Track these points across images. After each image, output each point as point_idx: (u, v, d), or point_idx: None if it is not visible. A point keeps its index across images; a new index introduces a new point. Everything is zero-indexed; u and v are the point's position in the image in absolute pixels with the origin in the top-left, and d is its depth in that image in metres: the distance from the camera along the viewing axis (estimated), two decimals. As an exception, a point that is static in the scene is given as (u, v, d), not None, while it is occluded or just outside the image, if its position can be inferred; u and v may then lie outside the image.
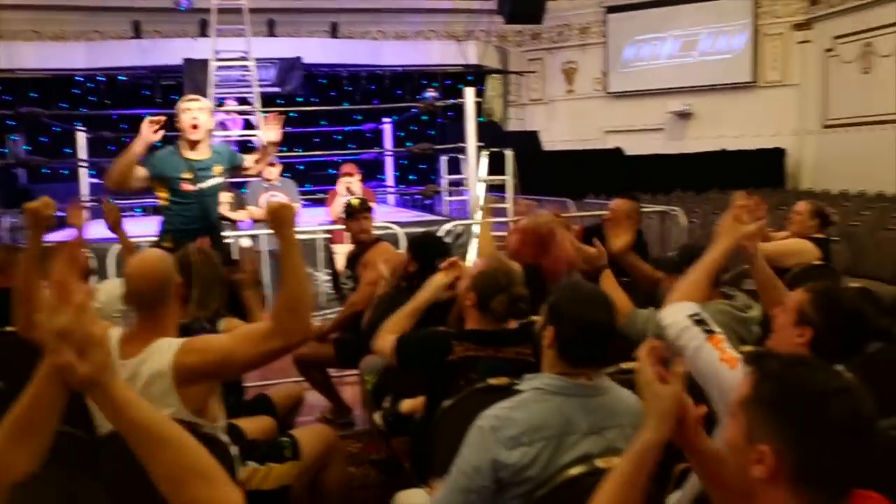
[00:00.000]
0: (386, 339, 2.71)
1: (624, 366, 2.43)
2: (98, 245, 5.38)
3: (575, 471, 1.76)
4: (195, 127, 4.12)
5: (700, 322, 1.89)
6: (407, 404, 3.04)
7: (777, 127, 15.67)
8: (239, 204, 6.83)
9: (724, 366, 1.74)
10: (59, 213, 2.98)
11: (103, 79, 13.59)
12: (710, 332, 1.86)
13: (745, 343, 2.69)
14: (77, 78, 13.63)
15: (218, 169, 4.23)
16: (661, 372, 1.49)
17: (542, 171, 12.13)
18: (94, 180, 11.42)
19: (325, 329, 4.40)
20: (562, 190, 10.41)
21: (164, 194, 4.19)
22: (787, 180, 15.45)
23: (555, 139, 16.80)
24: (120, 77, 13.59)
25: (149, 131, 3.90)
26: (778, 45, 16.00)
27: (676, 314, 1.92)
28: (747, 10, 16.10)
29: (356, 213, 4.46)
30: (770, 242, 4.50)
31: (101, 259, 5.37)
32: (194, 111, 4.13)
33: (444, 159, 10.50)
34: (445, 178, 10.46)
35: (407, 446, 2.94)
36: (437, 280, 2.91)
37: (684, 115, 16.82)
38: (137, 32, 14.06)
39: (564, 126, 17.38)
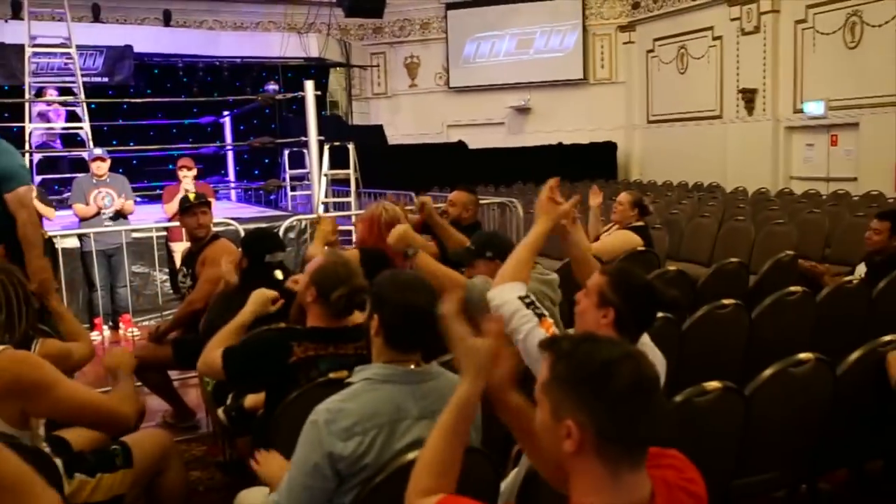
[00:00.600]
0: (212, 355, 2.61)
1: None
2: None
3: (410, 455, 1.81)
4: None
5: (530, 305, 1.99)
6: (251, 399, 3.02)
7: (608, 122, 16.65)
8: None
9: None
10: None
11: None
12: (540, 315, 1.97)
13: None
14: None
15: None
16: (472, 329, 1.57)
17: (387, 164, 12.22)
18: None
19: (163, 329, 4.25)
20: (407, 183, 10.53)
21: None
22: (618, 172, 16.47)
23: (399, 133, 16.95)
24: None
25: None
26: (605, 45, 16.98)
27: (506, 294, 2.01)
28: (577, 11, 16.96)
29: (191, 208, 4.32)
30: (599, 241, 4.88)
31: None
32: None
33: (286, 153, 10.34)
34: (288, 172, 10.31)
35: (250, 445, 2.91)
36: (262, 294, 2.88)
37: (523, 111, 17.50)
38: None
39: (408, 120, 17.58)
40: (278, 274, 3.43)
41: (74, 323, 3.03)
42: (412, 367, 1.94)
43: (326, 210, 7.63)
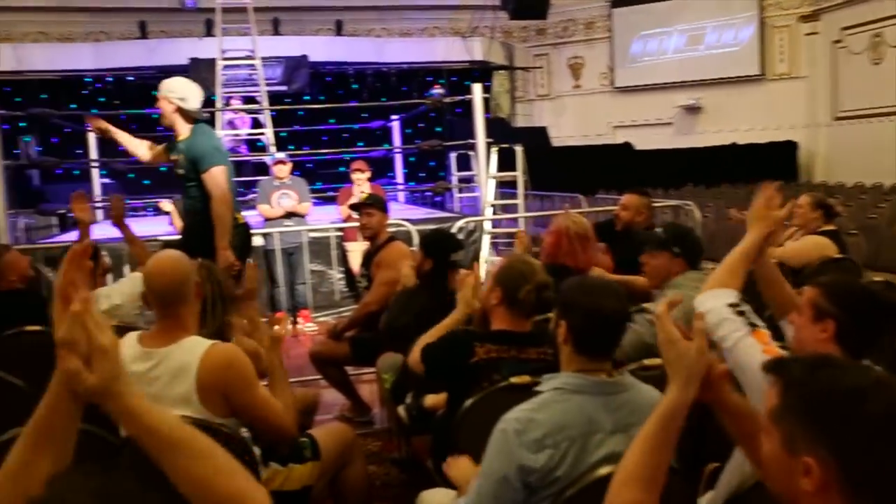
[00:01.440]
0: (415, 352, 2.71)
1: (647, 362, 2.41)
2: (114, 245, 5.38)
3: (604, 470, 1.73)
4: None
5: (742, 313, 1.84)
6: (431, 399, 3.03)
7: (787, 120, 15.60)
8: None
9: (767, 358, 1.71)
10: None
11: (111, 79, 13.61)
12: (753, 325, 1.81)
13: None
14: (86, 79, 13.64)
15: (181, 157, 4.10)
16: (683, 330, 1.46)
17: (551, 166, 12.10)
18: (106, 180, 11.48)
19: (340, 328, 4.39)
20: (571, 185, 10.38)
21: None
22: (800, 173, 15.39)
23: (563, 135, 16.75)
24: (128, 77, 13.60)
25: None
26: (785, 37, 15.92)
27: (714, 301, 1.87)
28: (753, 3, 16.02)
29: (360, 209, 4.46)
30: (782, 247, 4.45)
31: (118, 258, 5.38)
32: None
33: (453, 156, 10.48)
34: (455, 174, 10.45)
35: (427, 445, 2.92)
36: (466, 295, 2.85)
37: (693, 110, 16.75)
38: (144, 33, 14.08)
39: (572, 121, 17.33)
40: (462, 273, 3.44)
41: (263, 328, 3.16)
42: (604, 377, 1.85)
43: (494, 212, 7.64)
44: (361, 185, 7.12)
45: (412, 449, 3.28)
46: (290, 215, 6.77)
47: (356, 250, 6.48)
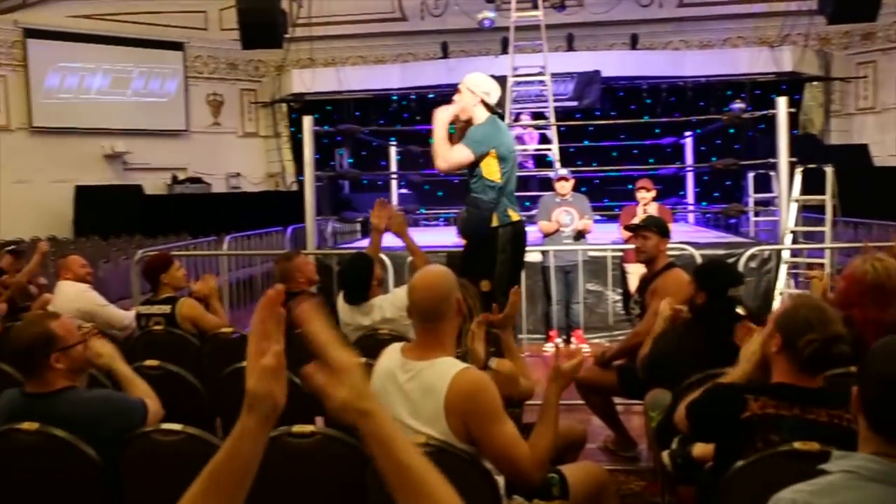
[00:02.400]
0: (680, 410, 2.42)
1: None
2: (399, 253, 5.67)
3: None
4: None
5: None
6: (699, 448, 2.73)
7: None
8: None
9: None
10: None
11: (414, 97, 14.68)
12: None
13: None
14: (392, 97, 14.88)
15: None
16: None
17: (870, 189, 10.62)
18: (404, 190, 12.39)
19: (608, 355, 4.19)
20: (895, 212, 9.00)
21: None
22: None
23: (888, 153, 14.67)
24: (429, 95, 14.57)
25: None
26: None
27: None
28: None
29: (636, 230, 4.20)
30: None
31: (401, 266, 5.68)
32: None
33: (750, 176, 9.66)
34: (752, 196, 9.62)
35: (693, 496, 2.64)
36: (748, 352, 2.41)
37: None
38: (445, 53, 14.97)
39: (902, 138, 15.12)
40: (740, 310, 3.07)
41: (519, 358, 3.04)
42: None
43: (795, 240, 6.85)
44: (646, 204, 6.82)
45: (677, 498, 2.99)
46: (578, 235, 6.73)
47: (635, 272, 6.21)
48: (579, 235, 6.74)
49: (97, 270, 7.06)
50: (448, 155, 4.14)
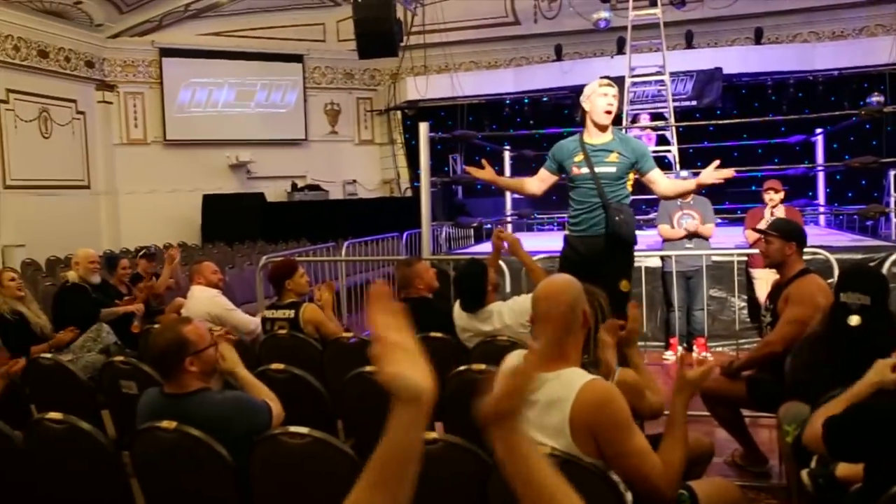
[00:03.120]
0: (815, 423, 2.25)
1: None
2: (513, 259, 5.62)
3: None
4: (608, 112, 4.06)
5: None
6: (843, 468, 2.53)
7: None
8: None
9: None
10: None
11: (527, 101, 14.59)
12: None
13: None
14: (506, 101, 14.85)
15: (614, 156, 4.07)
16: None
17: None
18: (518, 196, 12.32)
19: (736, 365, 3.98)
20: None
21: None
22: None
23: None
24: (543, 98, 14.45)
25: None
26: None
27: None
28: None
29: (763, 234, 3.98)
30: None
31: (517, 271, 5.62)
32: (610, 96, 4.07)
33: (892, 174, 9.02)
34: (894, 196, 8.97)
35: (837, 520, 2.45)
36: (883, 364, 2.30)
37: None
38: (559, 55, 14.80)
39: None
40: (852, 320, 2.84)
41: (646, 372, 2.92)
42: None
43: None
44: (774, 206, 6.48)
45: (817, 520, 2.79)
46: (691, 236, 6.44)
47: (763, 278, 5.91)
48: (693, 236, 6.47)
49: (224, 275, 7.40)
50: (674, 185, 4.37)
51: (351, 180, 16.30)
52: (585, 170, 4.09)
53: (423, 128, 7.14)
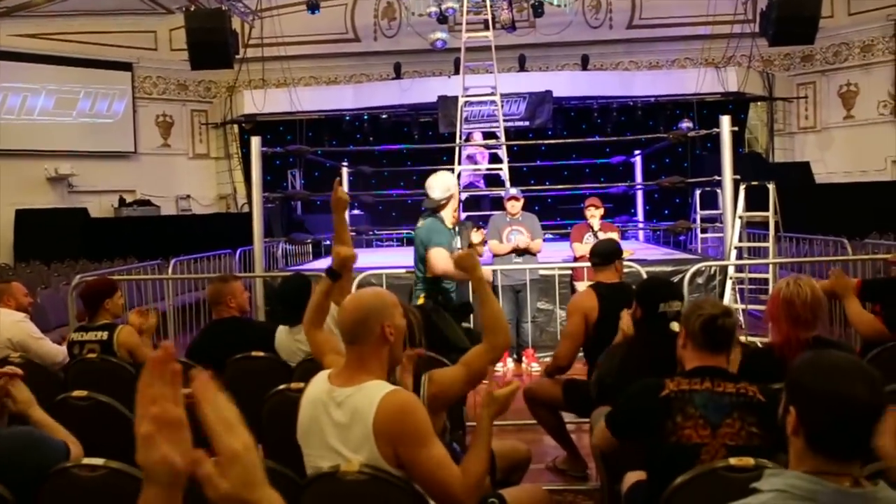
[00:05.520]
0: (598, 431, 2.65)
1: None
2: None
3: None
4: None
5: None
6: (632, 477, 2.71)
7: None
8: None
9: None
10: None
11: (367, 117, 14.64)
12: None
13: None
14: (346, 117, 14.82)
15: None
16: None
17: (813, 206, 10.91)
18: (357, 211, 12.28)
19: (548, 367, 4.16)
20: (837, 228, 9.22)
21: None
22: None
23: (827, 170, 15.10)
24: (382, 115, 14.55)
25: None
26: None
27: None
28: None
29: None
30: None
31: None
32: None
33: (697, 193, 9.83)
34: (699, 213, 9.78)
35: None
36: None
37: None
38: (398, 73, 14.99)
39: (841, 156, 15.54)
40: (674, 326, 3.09)
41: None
42: (847, 485, 1.44)
43: (739, 256, 6.97)
44: (594, 222, 6.88)
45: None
46: (520, 252, 6.69)
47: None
48: (523, 253, 6.73)
49: (36, 297, 6.82)
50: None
51: (184, 195, 15.58)
52: None
53: (255, 142, 6.98)
